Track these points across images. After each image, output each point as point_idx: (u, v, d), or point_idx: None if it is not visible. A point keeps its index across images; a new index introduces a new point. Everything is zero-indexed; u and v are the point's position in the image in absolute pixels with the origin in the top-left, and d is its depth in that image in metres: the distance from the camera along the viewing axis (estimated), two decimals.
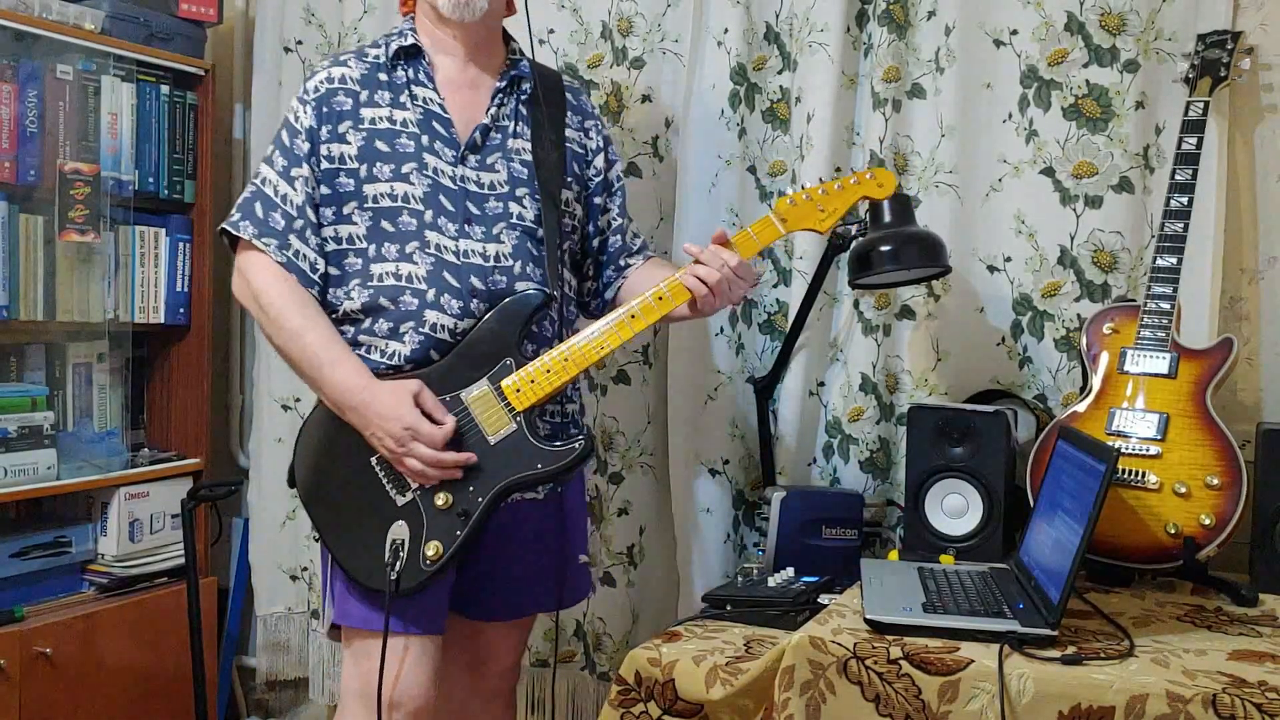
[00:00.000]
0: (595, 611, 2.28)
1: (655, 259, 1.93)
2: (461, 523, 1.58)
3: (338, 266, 1.68)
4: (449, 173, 1.68)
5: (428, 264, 1.64)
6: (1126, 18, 1.93)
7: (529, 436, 1.61)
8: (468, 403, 1.61)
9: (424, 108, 1.70)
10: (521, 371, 1.62)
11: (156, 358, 2.63)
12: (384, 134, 1.67)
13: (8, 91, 2.20)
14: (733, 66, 2.14)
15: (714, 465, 2.16)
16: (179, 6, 2.53)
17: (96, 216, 2.34)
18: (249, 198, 1.68)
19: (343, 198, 1.67)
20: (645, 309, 1.66)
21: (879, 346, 2.05)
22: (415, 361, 1.64)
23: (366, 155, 1.66)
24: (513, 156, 1.73)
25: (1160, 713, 1.23)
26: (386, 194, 1.66)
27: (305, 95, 1.69)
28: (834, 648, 1.39)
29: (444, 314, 1.63)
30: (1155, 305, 1.75)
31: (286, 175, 1.66)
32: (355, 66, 1.71)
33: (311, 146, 1.66)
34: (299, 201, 1.66)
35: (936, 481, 1.83)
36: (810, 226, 1.71)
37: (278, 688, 2.78)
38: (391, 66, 1.71)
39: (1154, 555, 1.66)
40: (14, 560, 2.24)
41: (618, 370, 2.26)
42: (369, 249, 1.66)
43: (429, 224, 1.65)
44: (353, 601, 1.62)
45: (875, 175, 1.73)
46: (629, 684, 1.54)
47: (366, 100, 1.69)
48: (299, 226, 1.66)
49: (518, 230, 1.69)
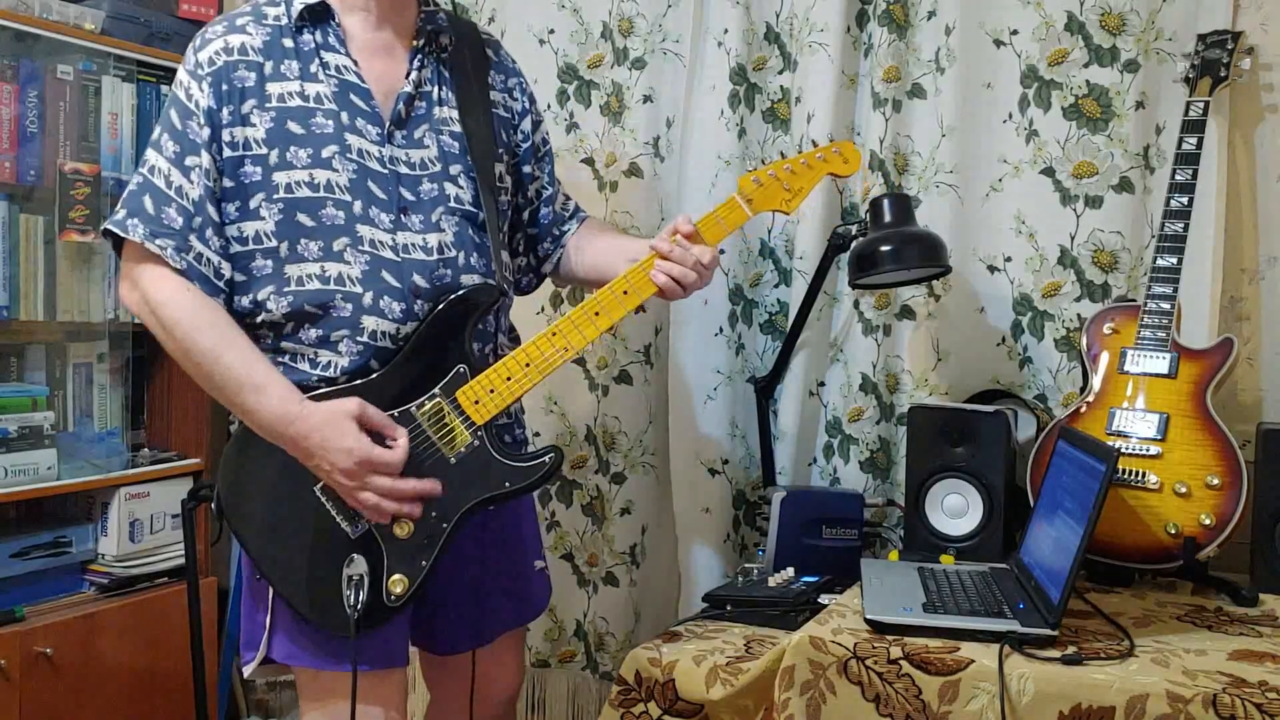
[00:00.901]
0: (598, 611, 2.28)
1: (593, 222, 1.78)
2: (426, 551, 1.43)
3: (243, 271, 1.45)
4: (375, 154, 1.47)
5: (362, 263, 1.43)
6: (1126, 18, 1.93)
7: (493, 452, 1.46)
8: (420, 418, 1.44)
9: (339, 78, 1.47)
10: (479, 380, 1.46)
11: (157, 358, 2.63)
12: (296, 112, 1.44)
13: (8, 91, 2.20)
14: (733, 67, 2.14)
15: (714, 465, 2.16)
16: (179, 6, 2.53)
17: (97, 216, 2.34)
18: (135, 190, 1.43)
19: (249, 190, 1.44)
20: (610, 305, 1.49)
21: (879, 346, 2.05)
22: (352, 373, 1.45)
23: (276, 138, 1.43)
24: (441, 128, 1.53)
25: (1160, 713, 1.23)
26: (304, 182, 1.43)
27: (198, 69, 1.44)
28: (834, 648, 1.39)
29: (384, 319, 1.44)
30: (1155, 305, 1.75)
31: (180, 164, 1.42)
32: (255, 33, 1.46)
33: (211, 131, 1.43)
34: (197, 195, 1.42)
35: (937, 481, 1.83)
36: (776, 207, 1.59)
37: (278, 688, 2.78)
38: (296, 30, 1.48)
39: (1154, 555, 1.66)
40: (14, 560, 2.24)
41: (620, 370, 2.26)
42: (280, 247, 1.44)
43: (359, 216, 1.44)
44: (302, 642, 1.45)
45: (841, 150, 1.62)
46: (629, 684, 1.54)
47: (272, 73, 1.45)
48: (198, 224, 1.42)
49: (457, 215, 1.51)
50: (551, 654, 2.33)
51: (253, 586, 1.51)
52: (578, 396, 2.28)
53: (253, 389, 1.39)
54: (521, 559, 1.70)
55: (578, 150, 2.29)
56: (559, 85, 2.30)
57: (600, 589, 2.28)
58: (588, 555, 2.29)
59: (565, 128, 2.29)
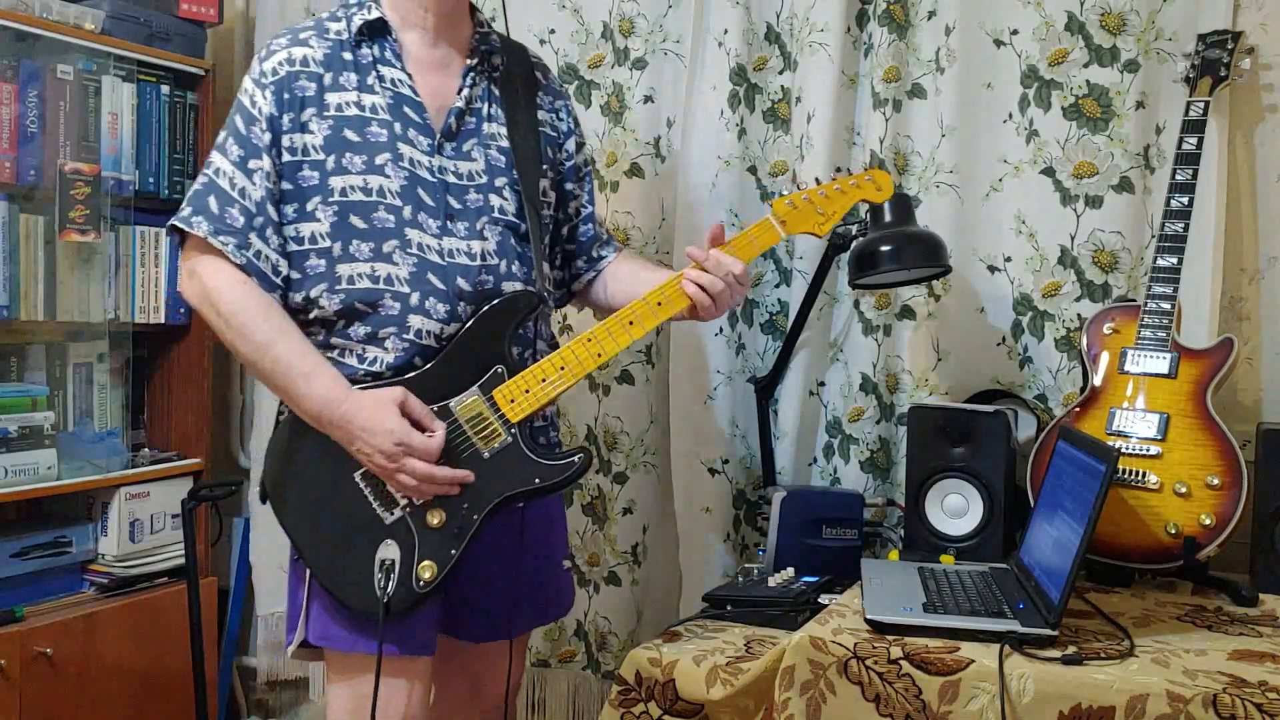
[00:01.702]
0: (599, 610, 2.28)
1: (628, 253, 1.84)
2: (456, 541, 1.49)
3: (298, 269, 1.53)
4: (426, 163, 1.55)
5: (410, 265, 1.51)
6: (1127, 18, 1.93)
7: (525, 449, 1.52)
8: (457, 413, 1.51)
9: (393, 90, 1.56)
10: (515, 381, 1.52)
11: (157, 358, 2.63)
12: (353, 121, 1.53)
13: (8, 91, 2.20)
14: (733, 67, 2.14)
15: (714, 465, 2.16)
16: (179, 6, 2.53)
17: (97, 216, 2.34)
18: (200, 190, 1.52)
19: (306, 193, 1.52)
20: (644, 315, 1.56)
21: (879, 346, 2.05)
22: (398, 369, 1.52)
23: (333, 145, 1.52)
24: (489, 143, 1.60)
25: (1160, 713, 1.23)
26: (358, 187, 1.52)
27: (263, 78, 1.53)
28: (834, 648, 1.39)
29: (429, 319, 1.52)
30: (1156, 305, 1.75)
31: (244, 166, 1.51)
32: (317, 46, 1.55)
33: (273, 136, 1.51)
34: (258, 197, 1.50)
35: (937, 481, 1.83)
36: (809, 230, 1.65)
37: (278, 688, 2.78)
38: (356, 44, 1.56)
39: (1154, 555, 1.66)
40: (14, 560, 2.25)
41: (621, 370, 2.26)
42: (333, 247, 1.52)
43: (409, 221, 1.52)
44: (335, 623, 1.52)
45: (874, 178, 1.68)
46: (629, 684, 1.54)
47: (331, 84, 1.54)
48: (259, 224, 1.50)
49: (500, 225, 1.58)
50: (552, 654, 2.33)
51: (295, 568, 1.58)
52: (580, 396, 2.29)
53: (302, 375, 1.48)
54: (552, 558, 1.74)
55: None
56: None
57: (602, 588, 2.29)
58: (589, 555, 2.29)
59: None
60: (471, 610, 1.66)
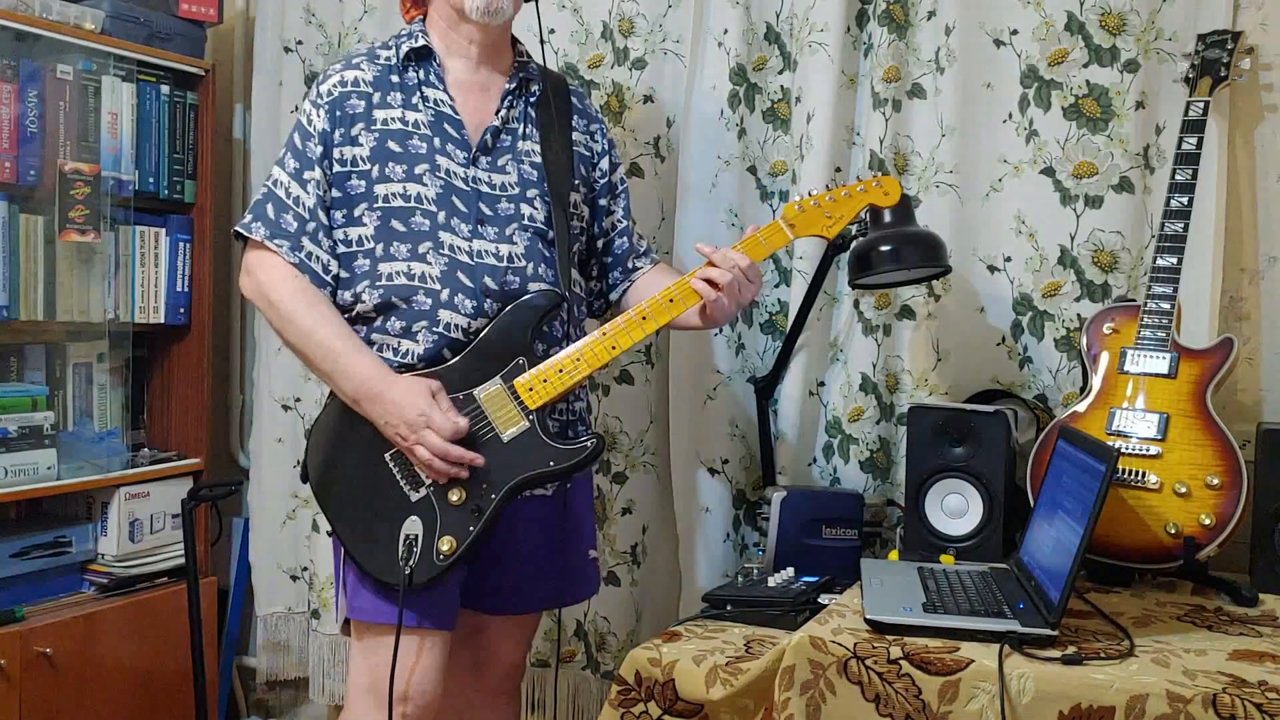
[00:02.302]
0: (599, 610, 2.28)
1: (663, 265, 1.94)
2: (475, 518, 1.60)
3: (347, 269, 1.68)
4: (461, 174, 1.69)
5: (441, 264, 1.65)
6: (1126, 18, 1.93)
7: (541, 435, 1.63)
8: (480, 400, 1.63)
9: (435, 109, 1.71)
10: (534, 371, 1.63)
11: (156, 358, 2.63)
12: (396, 134, 1.68)
13: (8, 91, 2.20)
14: (733, 67, 2.14)
15: (714, 465, 2.16)
16: (179, 6, 2.53)
17: (97, 216, 2.34)
18: (261, 200, 1.69)
19: (354, 200, 1.68)
20: (656, 310, 1.67)
21: (879, 346, 2.05)
22: (428, 360, 1.65)
23: (378, 155, 1.67)
24: (523, 159, 1.74)
25: (1160, 713, 1.23)
26: (399, 194, 1.67)
27: (319, 99, 1.71)
28: (834, 648, 1.40)
29: (458, 313, 1.64)
30: (1155, 305, 1.75)
31: (299, 178, 1.68)
32: (368, 69, 1.72)
33: (324, 149, 1.68)
34: (311, 204, 1.67)
35: (936, 481, 1.83)
36: (817, 232, 1.73)
37: (278, 688, 2.78)
38: (403, 68, 1.72)
39: (1154, 555, 1.66)
40: (14, 560, 2.25)
41: (621, 370, 2.26)
42: (376, 248, 1.66)
43: (442, 224, 1.66)
44: (364, 595, 1.63)
45: (882, 183, 1.74)
46: (629, 684, 1.54)
47: (379, 102, 1.70)
48: (311, 229, 1.67)
49: (529, 231, 1.71)
50: (552, 654, 2.33)
51: (336, 546, 1.70)
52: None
53: (344, 354, 1.62)
54: (579, 545, 1.83)
55: None
56: None
57: (601, 588, 2.28)
58: None
59: None
60: (492, 585, 1.76)
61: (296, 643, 2.67)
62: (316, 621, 2.59)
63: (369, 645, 1.65)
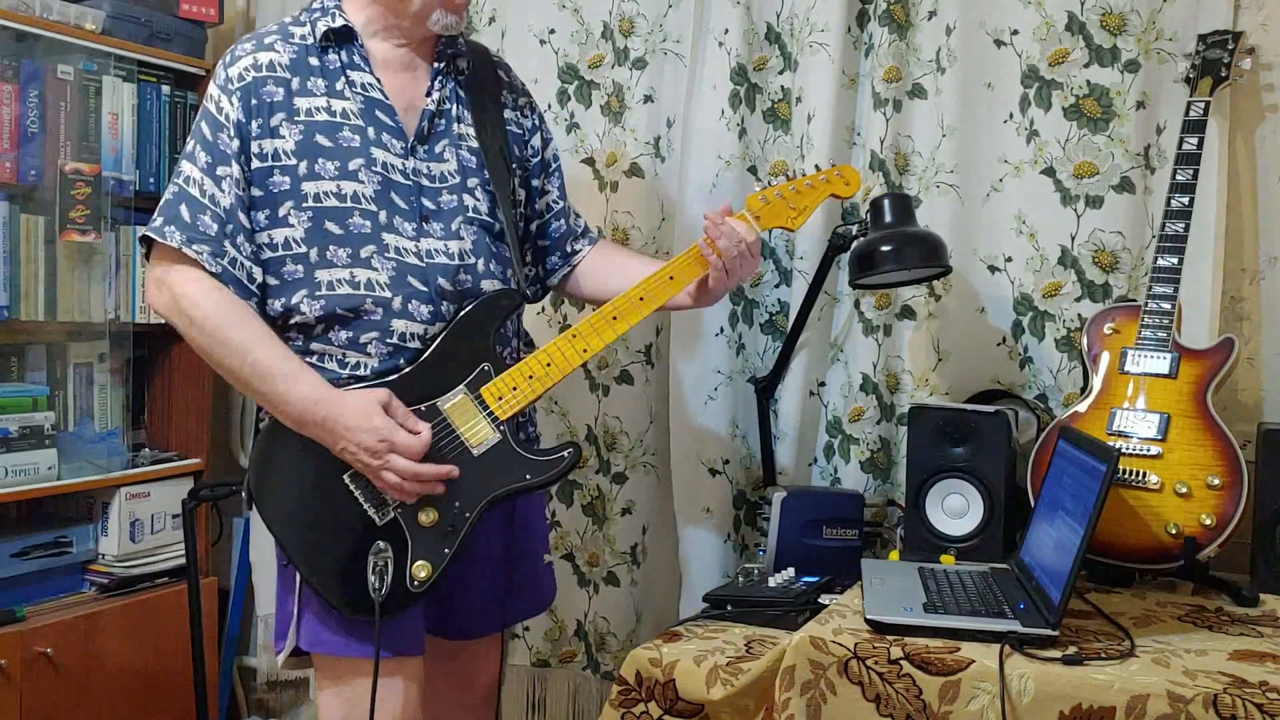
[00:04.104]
0: (599, 611, 2.28)
1: (605, 244, 1.84)
2: (449, 539, 1.49)
3: (275, 275, 1.52)
4: (400, 166, 1.55)
5: (389, 269, 1.51)
6: (1127, 18, 1.93)
7: (514, 446, 1.52)
8: (445, 412, 1.51)
9: (364, 95, 1.55)
10: (502, 378, 1.53)
11: (157, 358, 2.63)
12: (324, 127, 1.52)
13: (8, 91, 2.20)
14: (733, 67, 2.14)
15: (714, 465, 2.16)
16: (180, 6, 2.53)
17: (97, 216, 2.34)
18: (171, 199, 1.50)
19: (277, 198, 1.51)
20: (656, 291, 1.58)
21: (880, 346, 2.05)
22: (381, 373, 1.52)
23: (305, 151, 1.51)
24: (459, 143, 1.60)
25: (1161, 713, 1.23)
26: (332, 193, 1.51)
27: (229, 84, 1.51)
28: (835, 648, 1.39)
29: (413, 321, 1.52)
30: (1156, 305, 1.75)
31: (212, 173, 1.49)
32: (283, 50, 1.54)
33: (241, 142, 1.50)
34: (228, 204, 1.49)
35: (937, 481, 1.83)
36: (782, 224, 1.68)
37: (278, 688, 2.78)
38: (322, 49, 1.55)
39: (1155, 555, 1.66)
40: (15, 560, 2.24)
41: (620, 370, 2.26)
42: (310, 253, 1.51)
43: (384, 225, 1.52)
44: (326, 628, 1.51)
45: (843, 173, 1.71)
46: (629, 684, 1.54)
47: (299, 88, 1.53)
48: (230, 230, 1.49)
49: (475, 225, 1.58)
50: (552, 654, 2.33)
51: (283, 575, 1.57)
52: (579, 396, 2.28)
53: (283, 377, 1.45)
54: (535, 553, 1.76)
55: (578, 150, 2.29)
56: (559, 85, 2.30)
57: (601, 589, 2.28)
58: (588, 555, 2.29)
59: (565, 128, 2.29)
60: (457, 608, 1.67)
61: None
62: None
63: (339, 680, 1.53)
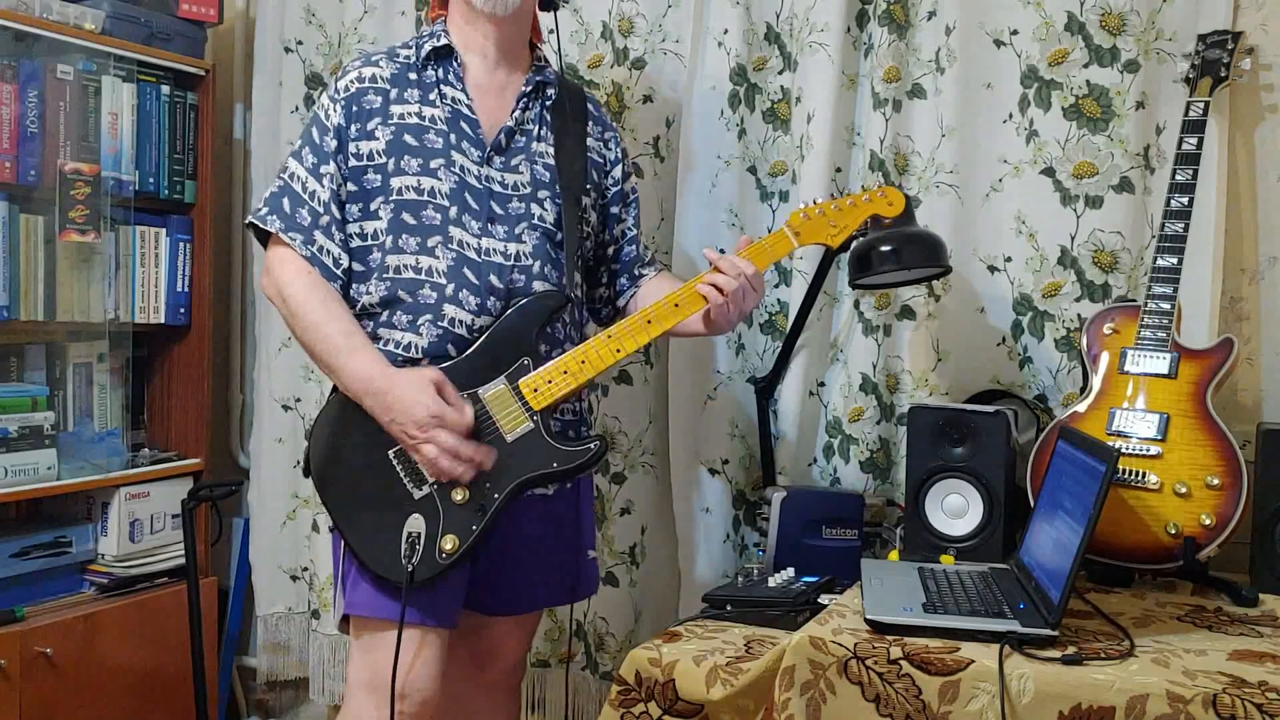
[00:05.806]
0: (598, 611, 2.28)
1: (666, 272, 1.95)
2: (478, 517, 1.60)
3: (362, 262, 1.70)
4: (475, 172, 1.70)
5: (449, 259, 1.66)
6: (1127, 18, 1.93)
7: (545, 436, 1.64)
8: (485, 400, 1.63)
9: (452, 107, 1.72)
10: (539, 372, 1.64)
11: (156, 358, 2.63)
12: (412, 129, 1.69)
13: (8, 91, 2.20)
14: (733, 67, 2.14)
15: (714, 465, 2.16)
16: (179, 6, 2.53)
17: (97, 216, 2.34)
18: (276, 192, 1.70)
19: (370, 194, 1.69)
20: (661, 315, 1.68)
21: (879, 346, 2.05)
22: (432, 355, 1.65)
23: (394, 149, 1.69)
24: (535, 159, 1.75)
25: (1161, 713, 1.23)
26: (412, 187, 1.68)
27: (336, 94, 1.72)
28: (834, 648, 1.40)
29: (462, 309, 1.65)
30: (1155, 305, 1.75)
31: (315, 172, 1.69)
32: (386, 66, 1.73)
33: (339, 144, 1.69)
34: (325, 198, 1.68)
35: (937, 481, 1.83)
36: (822, 240, 1.75)
37: (278, 688, 2.78)
38: (422, 67, 1.73)
39: (1154, 555, 1.66)
40: (14, 560, 2.24)
41: (620, 370, 2.26)
42: (386, 241, 1.68)
43: (453, 220, 1.67)
44: (363, 590, 1.63)
45: (887, 194, 1.77)
46: (629, 684, 1.54)
47: (396, 98, 1.71)
48: (324, 223, 1.68)
49: (538, 231, 1.72)
50: (551, 654, 2.33)
51: (336, 542, 1.69)
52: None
53: (349, 351, 1.62)
54: (578, 544, 1.84)
55: None
56: None
57: (601, 589, 2.28)
58: None
59: None
60: (494, 585, 1.76)
61: (296, 643, 2.67)
62: (316, 622, 2.59)
63: (368, 641, 1.65)
